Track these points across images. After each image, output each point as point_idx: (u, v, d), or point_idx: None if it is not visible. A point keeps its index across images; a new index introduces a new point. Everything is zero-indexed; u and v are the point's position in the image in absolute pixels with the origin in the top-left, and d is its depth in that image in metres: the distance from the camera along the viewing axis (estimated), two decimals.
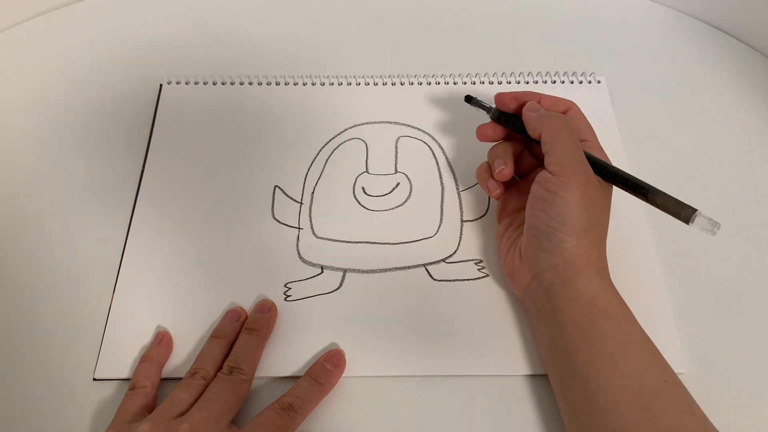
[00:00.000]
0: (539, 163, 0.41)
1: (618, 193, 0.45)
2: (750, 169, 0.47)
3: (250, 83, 0.51)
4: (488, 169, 0.41)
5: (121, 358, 0.38)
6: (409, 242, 0.43)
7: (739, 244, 0.43)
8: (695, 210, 0.33)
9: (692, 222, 0.33)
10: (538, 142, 0.38)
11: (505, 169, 0.39)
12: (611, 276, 0.36)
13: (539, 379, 0.37)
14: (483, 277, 0.41)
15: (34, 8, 0.56)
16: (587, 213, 0.35)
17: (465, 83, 0.51)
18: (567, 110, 0.40)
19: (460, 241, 0.43)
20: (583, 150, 0.37)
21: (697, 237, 0.43)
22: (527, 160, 0.42)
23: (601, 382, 0.32)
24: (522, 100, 0.40)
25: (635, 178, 0.37)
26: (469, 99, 0.44)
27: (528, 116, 0.39)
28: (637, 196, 0.36)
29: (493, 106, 0.42)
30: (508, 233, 0.40)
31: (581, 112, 0.41)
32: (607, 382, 0.32)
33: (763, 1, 0.52)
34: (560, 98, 0.41)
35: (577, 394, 0.33)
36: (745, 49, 0.55)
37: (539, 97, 0.40)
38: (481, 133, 0.42)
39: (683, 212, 0.34)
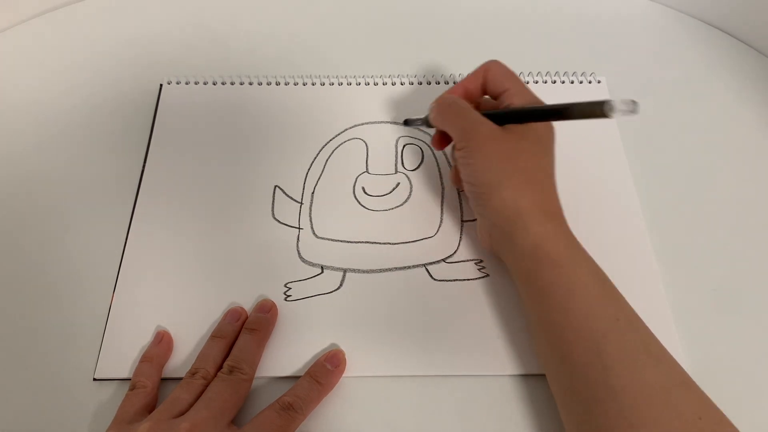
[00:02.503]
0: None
1: (617, 195, 0.45)
2: (750, 169, 0.47)
3: (250, 83, 0.51)
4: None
5: (121, 358, 0.38)
6: (409, 242, 0.43)
7: (739, 244, 0.43)
8: (608, 100, 0.30)
9: (612, 112, 0.30)
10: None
11: (434, 140, 0.43)
12: (610, 275, 0.36)
13: (539, 379, 0.37)
14: (483, 277, 0.41)
15: (34, 8, 0.56)
16: (498, 166, 0.35)
17: None
18: (485, 71, 0.40)
19: (460, 241, 0.43)
20: (509, 100, 0.38)
21: (696, 237, 0.43)
22: None
23: (556, 330, 0.33)
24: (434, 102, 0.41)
25: (545, 105, 0.36)
26: (406, 122, 0.47)
27: (431, 120, 0.41)
28: (558, 120, 0.35)
29: (424, 116, 0.43)
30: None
31: (499, 65, 0.40)
32: (561, 330, 0.32)
33: (763, 1, 0.52)
34: (477, 69, 0.41)
35: (540, 342, 0.34)
36: (745, 49, 0.55)
37: (461, 86, 0.41)
38: (435, 145, 0.43)
39: (599, 108, 0.31)
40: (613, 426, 0.29)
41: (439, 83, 0.51)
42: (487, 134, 0.36)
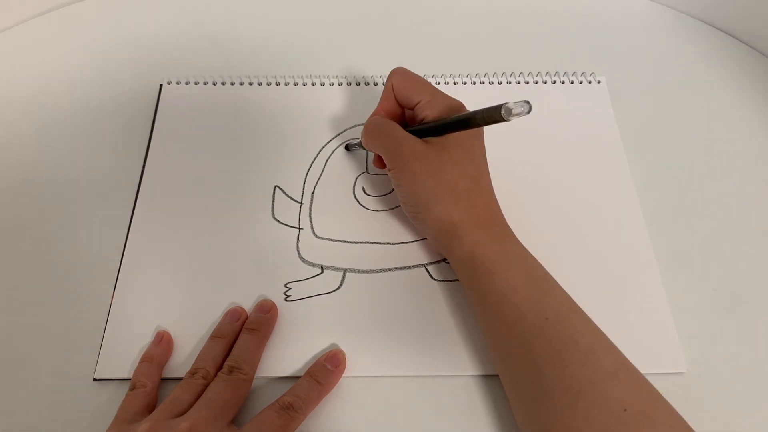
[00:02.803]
0: None
1: (617, 195, 0.45)
2: (750, 169, 0.47)
3: (250, 83, 0.51)
4: None
5: (121, 358, 0.38)
6: (409, 242, 0.43)
7: (739, 244, 0.43)
8: (503, 104, 0.30)
9: (508, 115, 0.30)
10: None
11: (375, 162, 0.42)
12: (610, 275, 0.36)
13: None
14: None
15: (34, 8, 0.56)
16: (426, 184, 0.36)
17: (465, 83, 0.51)
18: (393, 88, 0.40)
19: None
20: (423, 113, 0.38)
21: (696, 237, 0.43)
22: None
23: (495, 335, 0.34)
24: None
25: (455, 117, 0.36)
26: (347, 147, 0.47)
27: (363, 144, 0.41)
28: (466, 129, 0.35)
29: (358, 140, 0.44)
30: None
31: (402, 78, 0.39)
32: (499, 334, 0.33)
33: (763, 1, 0.52)
34: (385, 86, 0.40)
35: (489, 351, 0.36)
36: (745, 49, 0.55)
37: (380, 108, 0.41)
38: (375, 165, 0.42)
39: (496, 113, 0.31)
40: (550, 426, 0.30)
41: (438, 83, 0.51)
42: (410, 153, 0.36)
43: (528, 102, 0.30)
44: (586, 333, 0.32)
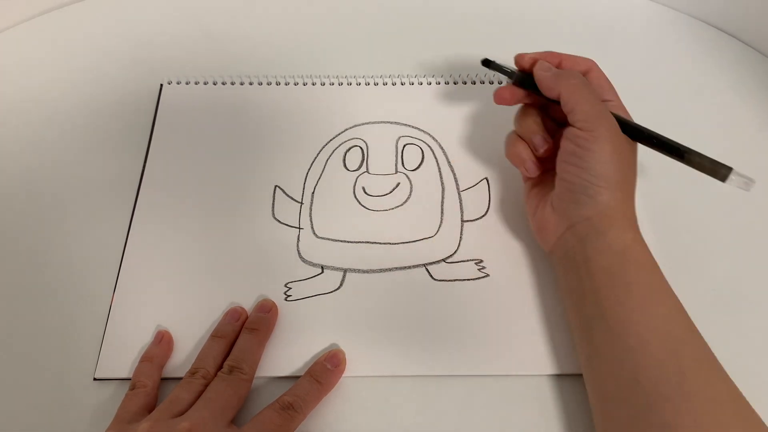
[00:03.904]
0: (556, 124, 0.41)
1: None
2: (750, 169, 0.47)
3: (250, 83, 0.51)
4: (522, 145, 0.40)
5: (121, 358, 0.38)
6: (409, 242, 0.43)
7: (739, 244, 0.43)
8: (731, 168, 0.34)
9: (728, 180, 0.34)
10: (557, 102, 0.38)
11: (549, 148, 0.39)
12: None
13: (539, 379, 0.37)
14: (483, 277, 0.41)
15: (34, 8, 0.56)
16: (620, 166, 0.36)
17: (465, 83, 0.51)
18: (587, 70, 0.40)
19: (460, 241, 0.43)
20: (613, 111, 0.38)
21: (696, 237, 0.43)
22: (547, 124, 0.41)
23: (630, 324, 0.33)
24: (541, 60, 0.40)
25: (668, 138, 0.37)
26: (487, 63, 0.43)
27: (541, 76, 0.39)
28: (671, 156, 0.37)
29: (515, 70, 0.41)
30: (536, 190, 0.40)
31: (602, 72, 0.41)
32: (636, 325, 0.32)
33: (763, 1, 0.52)
34: (580, 57, 0.41)
35: (603, 335, 0.33)
36: (745, 49, 0.55)
37: (559, 58, 0.40)
38: (499, 97, 0.41)
39: (720, 171, 0.35)
40: (680, 425, 0.29)
41: (439, 83, 0.51)
42: (615, 129, 0.36)
43: (753, 181, 0.34)
44: (718, 360, 0.32)
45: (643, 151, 0.48)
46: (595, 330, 0.34)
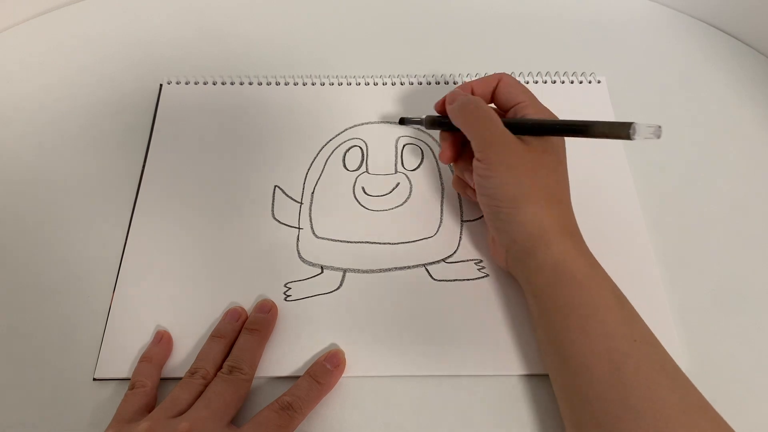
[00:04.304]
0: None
1: (618, 195, 0.45)
2: (750, 169, 0.47)
3: (250, 83, 0.51)
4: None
5: (121, 357, 0.38)
6: (409, 242, 0.43)
7: (739, 244, 0.43)
8: (631, 123, 0.31)
9: (635, 134, 0.31)
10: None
11: (449, 156, 0.41)
12: (609, 273, 0.36)
13: (538, 379, 0.37)
14: (483, 277, 0.41)
15: (34, 8, 0.56)
16: (523, 181, 0.35)
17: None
18: (497, 83, 0.40)
19: (460, 241, 0.43)
20: (524, 111, 0.37)
21: (696, 237, 0.43)
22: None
23: (572, 346, 0.33)
24: (449, 93, 0.41)
25: (569, 120, 0.35)
26: (402, 121, 0.46)
27: (449, 111, 0.39)
28: (577, 136, 0.35)
29: (422, 117, 0.44)
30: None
31: (511, 78, 0.40)
32: (578, 346, 0.32)
33: (763, 1, 0.52)
34: (490, 76, 0.40)
35: (554, 358, 0.34)
36: (745, 49, 0.55)
37: (470, 86, 0.40)
38: (444, 159, 0.41)
39: (623, 130, 0.31)
40: None
41: (438, 83, 0.51)
42: (510, 146, 0.35)
43: (660, 127, 0.30)
44: (670, 359, 0.32)
45: (643, 150, 0.48)
46: (548, 352, 0.35)
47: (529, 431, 0.35)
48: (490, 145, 0.36)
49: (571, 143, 0.39)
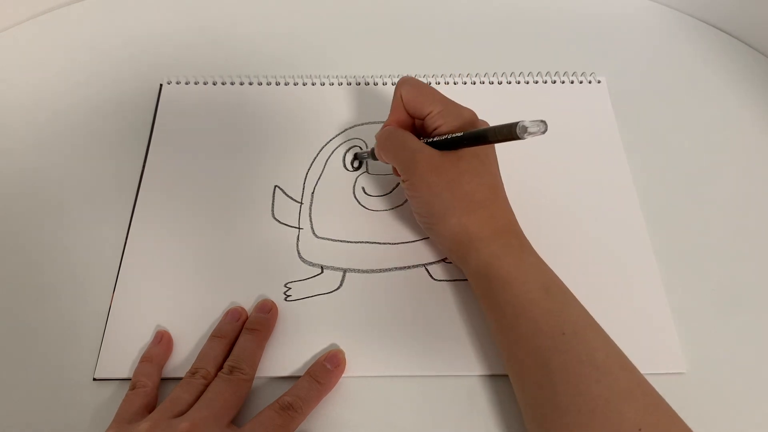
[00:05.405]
0: None
1: (618, 195, 0.45)
2: (750, 169, 0.47)
3: (250, 83, 0.51)
4: None
5: (121, 358, 0.38)
6: (409, 242, 0.43)
7: (739, 244, 0.43)
8: (518, 122, 0.30)
9: (523, 134, 0.30)
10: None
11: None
12: (610, 275, 0.36)
13: None
14: None
15: (34, 8, 0.56)
16: (443, 195, 0.36)
17: (465, 83, 0.51)
18: (402, 99, 0.39)
19: None
20: (433, 125, 0.37)
21: (696, 237, 0.43)
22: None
23: (510, 348, 0.33)
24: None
25: (469, 133, 0.35)
26: (355, 157, 0.46)
27: (375, 152, 0.41)
28: (480, 144, 0.35)
29: (370, 149, 0.44)
30: None
31: (410, 87, 0.38)
32: (514, 347, 0.33)
33: (763, 1, 0.52)
34: (394, 96, 0.40)
35: (505, 363, 0.35)
36: (745, 49, 0.55)
37: (390, 118, 0.40)
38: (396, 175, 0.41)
39: (511, 131, 0.30)
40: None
41: (438, 83, 0.51)
42: (426, 163, 0.36)
43: (544, 122, 0.30)
44: (602, 349, 0.31)
45: (643, 150, 0.48)
46: (500, 355, 0.36)
47: None
48: (409, 168, 0.37)
49: (571, 145, 0.39)
